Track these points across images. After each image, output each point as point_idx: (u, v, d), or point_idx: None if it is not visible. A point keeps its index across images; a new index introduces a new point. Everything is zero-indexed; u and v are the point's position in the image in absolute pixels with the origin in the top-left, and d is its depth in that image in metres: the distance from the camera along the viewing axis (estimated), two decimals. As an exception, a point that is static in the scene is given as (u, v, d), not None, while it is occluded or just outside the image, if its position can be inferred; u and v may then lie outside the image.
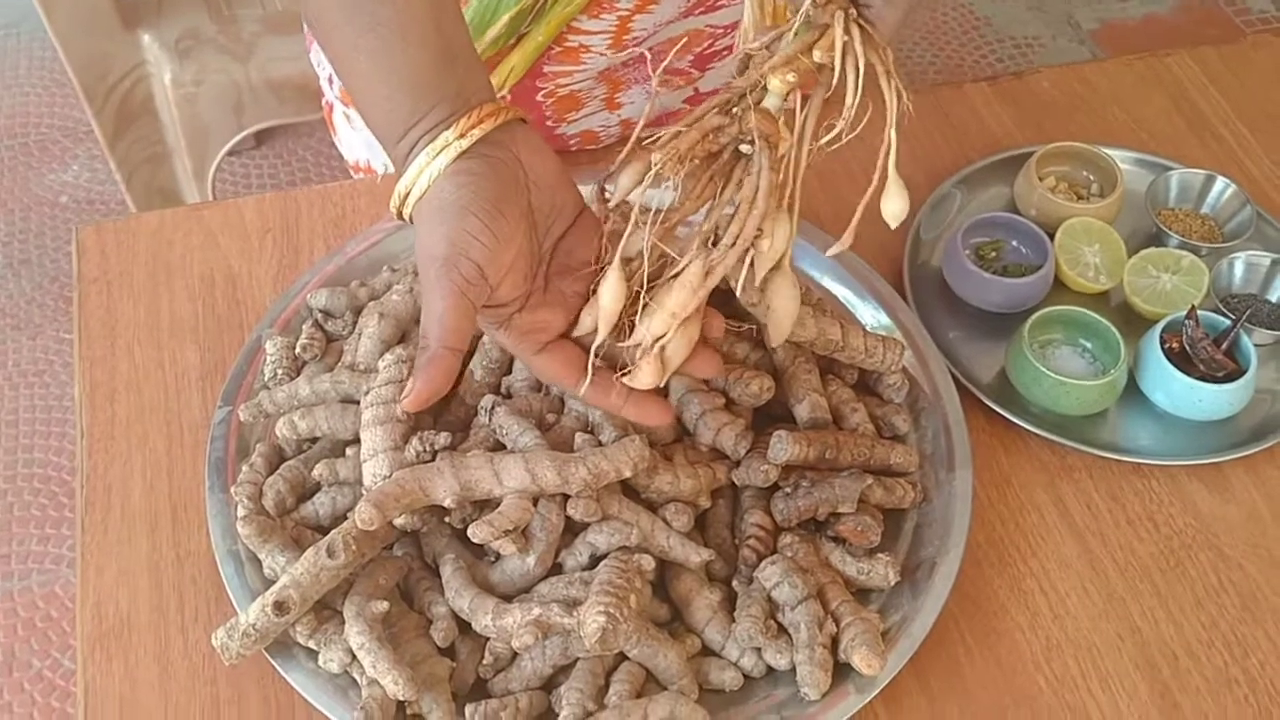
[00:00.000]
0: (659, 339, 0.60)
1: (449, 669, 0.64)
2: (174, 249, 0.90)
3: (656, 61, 0.87)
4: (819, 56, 0.60)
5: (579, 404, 0.70)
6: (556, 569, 0.67)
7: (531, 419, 0.70)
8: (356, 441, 0.72)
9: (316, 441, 0.74)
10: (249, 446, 0.75)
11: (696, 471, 0.69)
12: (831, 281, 0.83)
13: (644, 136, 0.61)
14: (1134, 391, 0.80)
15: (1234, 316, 0.80)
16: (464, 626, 0.66)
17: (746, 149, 0.61)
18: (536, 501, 0.66)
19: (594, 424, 0.70)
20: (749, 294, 0.64)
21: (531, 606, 0.62)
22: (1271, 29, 2.35)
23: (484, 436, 0.70)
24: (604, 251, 0.63)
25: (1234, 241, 0.87)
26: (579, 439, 0.68)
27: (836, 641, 0.65)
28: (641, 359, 0.60)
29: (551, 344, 0.64)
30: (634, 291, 0.60)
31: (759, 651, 0.65)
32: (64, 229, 1.99)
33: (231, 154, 1.75)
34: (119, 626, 0.71)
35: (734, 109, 0.62)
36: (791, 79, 0.61)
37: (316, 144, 2.07)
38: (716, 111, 0.62)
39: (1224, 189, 0.89)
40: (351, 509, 0.71)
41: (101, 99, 1.39)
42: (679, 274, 0.59)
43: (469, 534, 0.63)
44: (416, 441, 0.67)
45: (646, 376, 0.61)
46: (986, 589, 0.72)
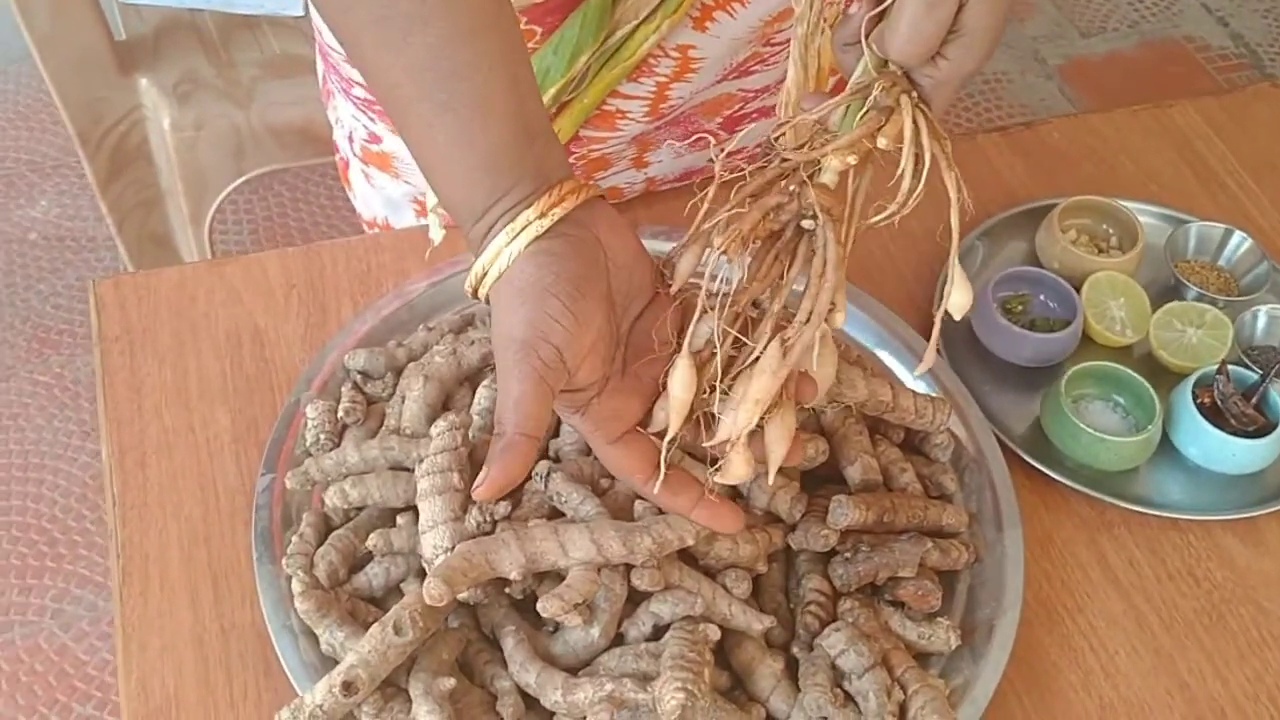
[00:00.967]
0: (745, 429, 0.58)
1: (517, 745, 0.63)
2: (197, 306, 0.89)
3: (687, 122, 0.87)
4: (883, 144, 0.60)
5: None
6: (618, 639, 0.67)
7: (586, 485, 0.70)
8: (407, 509, 0.71)
9: (362, 509, 0.73)
10: (291, 514, 0.74)
11: (754, 536, 0.69)
12: (864, 336, 0.84)
13: (704, 224, 0.60)
14: (1164, 445, 0.82)
15: (1260, 370, 0.82)
16: (528, 700, 0.65)
17: (808, 224, 0.61)
18: (599, 571, 0.65)
19: (650, 490, 0.69)
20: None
21: (604, 682, 0.62)
22: (1231, 64, 2.42)
23: (538, 503, 0.69)
24: (678, 333, 0.61)
25: (1251, 295, 0.89)
26: (639, 506, 0.68)
27: (904, 709, 0.65)
28: (731, 451, 0.59)
29: (627, 435, 0.62)
30: (708, 381, 0.59)
31: None
32: (33, 267, 1.94)
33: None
34: (165, 704, 0.69)
35: (787, 184, 0.62)
36: (852, 161, 0.61)
37: (314, 188, 2.05)
38: (768, 186, 0.62)
39: (1240, 242, 0.91)
40: (405, 579, 0.70)
41: (95, 143, 1.37)
42: (755, 360, 0.59)
43: (539, 609, 0.63)
44: (476, 512, 0.67)
45: (738, 469, 0.59)
46: (1038, 648, 0.73)
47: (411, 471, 0.71)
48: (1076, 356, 0.86)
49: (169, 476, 0.79)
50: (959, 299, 0.62)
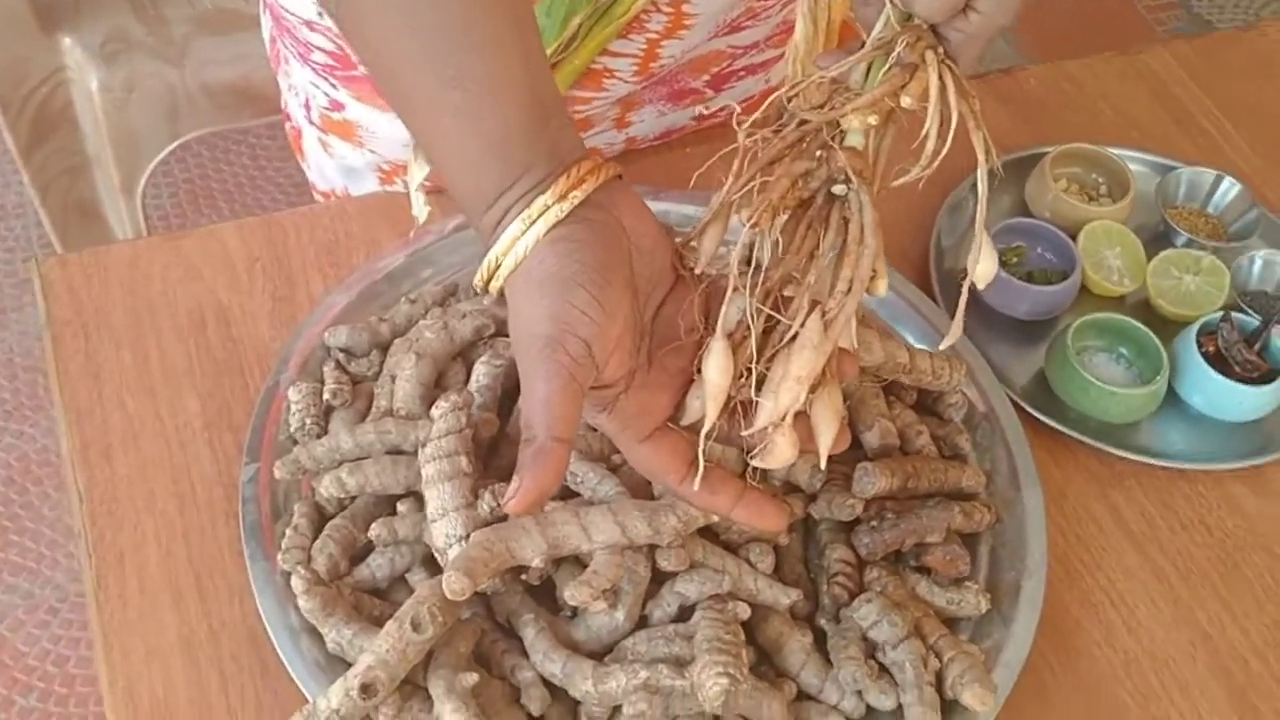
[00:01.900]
0: (790, 409, 0.55)
1: (545, 739, 0.60)
2: (153, 284, 0.83)
3: (674, 80, 0.83)
4: (907, 103, 0.57)
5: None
6: (642, 621, 0.64)
7: (599, 461, 0.66)
8: (406, 496, 0.67)
9: (357, 496, 0.68)
10: (280, 505, 0.69)
11: (776, 508, 0.66)
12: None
13: (728, 200, 0.56)
14: (1166, 394, 0.81)
15: (1260, 315, 0.81)
16: (550, 689, 0.62)
17: (839, 190, 0.58)
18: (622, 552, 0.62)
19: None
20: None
21: (637, 669, 0.59)
22: (1160, 4, 2.44)
23: (548, 483, 0.66)
24: (704, 318, 0.56)
25: (1245, 240, 0.88)
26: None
27: (940, 677, 0.63)
28: (775, 433, 0.54)
29: (657, 431, 0.57)
30: (743, 366, 0.55)
31: (859, 693, 0.63)
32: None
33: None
34: (156, 712, 0.65)
35: (810, 147, 0.58)
36: (874, 121, 0.57)
37: (252, 150, 1.95)
38: (787, 151, 0.58)
39: (1229, 188, 0.91)
40: (410, 569, 0.66)
41: (16, 108, 1.27)
42: (795, 336, 0.55)
43: (566, 597, 0.59)
44: (489, 496, 0.63)
45: (783, 451, 0.54)
46: (1059, 605, 0.72)
47: (410, 455, 0.67)
48: (1073, 307, 0.84)
49: (138, 469, 0.74)
50: (985, 267, 0.59)
